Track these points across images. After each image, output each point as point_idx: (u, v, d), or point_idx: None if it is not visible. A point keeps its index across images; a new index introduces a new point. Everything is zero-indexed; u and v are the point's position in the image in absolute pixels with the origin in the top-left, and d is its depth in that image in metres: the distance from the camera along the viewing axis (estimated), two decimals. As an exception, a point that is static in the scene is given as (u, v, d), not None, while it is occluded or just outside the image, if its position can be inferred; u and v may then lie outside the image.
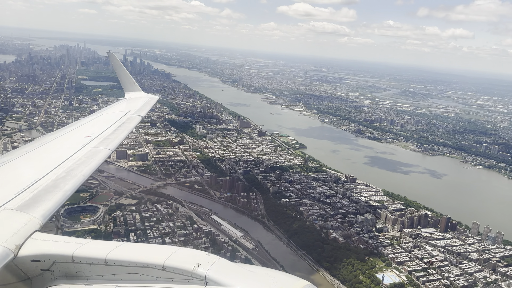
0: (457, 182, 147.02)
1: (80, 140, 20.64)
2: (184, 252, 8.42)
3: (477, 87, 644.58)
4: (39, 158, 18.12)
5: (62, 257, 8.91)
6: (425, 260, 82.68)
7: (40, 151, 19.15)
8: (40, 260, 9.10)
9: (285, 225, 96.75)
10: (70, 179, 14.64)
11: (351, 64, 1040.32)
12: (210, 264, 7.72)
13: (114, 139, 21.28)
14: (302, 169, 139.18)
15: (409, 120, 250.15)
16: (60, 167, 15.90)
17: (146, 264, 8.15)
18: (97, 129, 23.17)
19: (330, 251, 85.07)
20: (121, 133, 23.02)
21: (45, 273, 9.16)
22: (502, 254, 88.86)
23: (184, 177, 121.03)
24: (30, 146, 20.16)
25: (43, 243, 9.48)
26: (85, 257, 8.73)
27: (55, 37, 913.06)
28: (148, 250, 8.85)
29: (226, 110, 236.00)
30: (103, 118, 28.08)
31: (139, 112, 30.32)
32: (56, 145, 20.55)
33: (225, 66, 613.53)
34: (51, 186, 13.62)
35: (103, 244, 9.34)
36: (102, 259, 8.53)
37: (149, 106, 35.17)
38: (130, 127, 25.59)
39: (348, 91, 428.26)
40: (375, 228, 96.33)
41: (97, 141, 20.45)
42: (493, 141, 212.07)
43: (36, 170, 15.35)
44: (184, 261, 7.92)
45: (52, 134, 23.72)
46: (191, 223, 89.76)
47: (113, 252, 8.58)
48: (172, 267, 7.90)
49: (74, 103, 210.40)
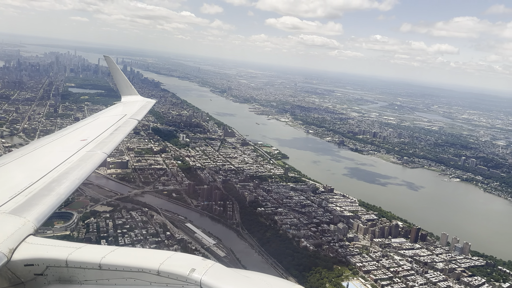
0: (433, 194, 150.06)
1: (75, 143, 20.57)
2: (179, 257, 8.41)
3: (464, 101, 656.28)
4: (34, 161, 17.95)
5: (56, 261, 8.82)
6: (391, 269, 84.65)
7: (35, 155, 18.97)
8: (34, 264, 8.99)
9: (258, 234, 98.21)
10: (65, 182, 14.57)
11: (341, 77, 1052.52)
12: (205, 269, 7.72)
13: (110, 143, 21.17)
14: (281, 179, 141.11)
15: (392, 132, 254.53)
16: (55, 170, 15.73)
17: (140, 269, 8.11)
18: (93, 133, 23.02)
19: (300, 259, 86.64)
20: (117, 136, 22.87)
21: (38, 277, 9.04)
22: (468, 264, 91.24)
23: (162, 185, 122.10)
24: (24, 150, 20.06)
25: (37, 247, 9.37)
26: (79, 261, 8.65)
27: (47, 44, 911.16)
28: (143, 255, 8.80)
29: (212, 120, 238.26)
30: (99, 122, 28.10)
31: (136, 116, 30.39)
32: (51, 148, 20.37)
33: (216, 76, 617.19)
34: (45, 190, 13.50)
35: (97, 248, 9.32)
36: (97, 264, 8.45)
37: (146, 110, 35.12)
38: (127, 131, 25.43)
39: (336, 103, 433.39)
40: (346, 237, 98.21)
41: (93, 145, 20.30)
42: (472, 155, 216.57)
43: (30, 174, 15.21)
44: (179, 266, 7.89)
45: (48, 138, 23.52)
46: (164, 231, 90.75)
47: (108, 257, 8.51)
48: (167, 272, 7.86)
49: (59, 110, 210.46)
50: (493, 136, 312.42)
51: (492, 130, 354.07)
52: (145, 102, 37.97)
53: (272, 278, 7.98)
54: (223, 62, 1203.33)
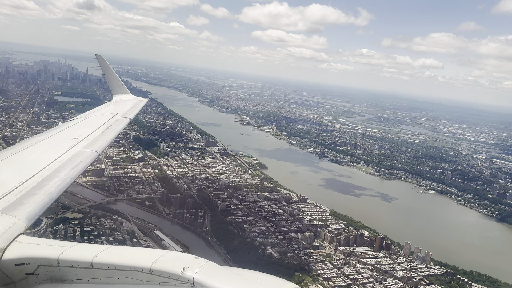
0: (405, 205, 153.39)
1: (66, 142, 20.48)
2: (172, 255, 8.42)
3: (451, 115, 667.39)
4: (25, 160, 17.84)
5: (47, 260, 8.80)
6: (351, 277, 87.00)
7: (26, 153, 18.89)
8: (25, 264, 8.95)
9: (226, 242, 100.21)
10: (57, 181, 14.49)
11: (332, 89, 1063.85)
12: (198, 268, 7.73)
13: (101, 141, 21.15)
14: (256, 189, 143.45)
15: (373, 144, 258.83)
16: (46, 169, 15.64)
17: (133, 268, 8.13)
18: (85, 131, 22.89)
19: (263, 267, 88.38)
20: (109, 135, 22.87)
21: (29, 277, 9.01)
22: (428, 273, 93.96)
23: (137, 193, 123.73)
24: (15, 148, 19.99)
25: (28, 246, 9.34)
26: (71, 260, 8.65)
27: (38, 52, 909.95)
28: (135, 254, 8.86)
29: (196, 129, 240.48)
30: (91, 120, 28.12)
31: (128, 114, 30.26)
32: (42, 147, 20.25)
33: (206, 86, 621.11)
34: (36, 189, 13.39)
35: (89, 247, 9.33)
36: (88, 263, 8.46)
37: (138, 109, 34.97)
38: (118, 129, 25.41)
39: (322, 114, 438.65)
40: (311, 245, 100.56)
41: (84, 143, 20.26)
42: (450, 168, 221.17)
43: (21, 172, 15.09)
44: (172, 265, 7.90)
45: (38, 136, 23.38)
46: (131, 238, 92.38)
47: (100, 256, 8.52)
48: (159, 271, 7.87)
49: (42, 118, 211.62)
50: (475, 150, 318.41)
51: (474, 143, 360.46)
52: (136, 101, 38.18)
53: (265, 275, 8.08)
54: (215, 72, 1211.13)
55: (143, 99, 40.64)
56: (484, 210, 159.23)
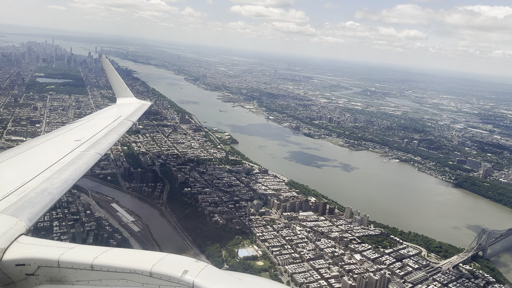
0: (365, 174, 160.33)
1: (69, 144, 20.72)
2: (172, 258, 8.49)
3: (442, 86, 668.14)
4: (27, 161, 18.08)
5: (47, 261, 8.81)
6: (287, 238, 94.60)
7: (28, 154, 19.10)
8: (25, 264, 8.96)
9: (178, 211, 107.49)
10: (59, 182, 14.61)
11: (325, 63, 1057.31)
12: (198, 271, 7.79)
13: (104, 144, 21.39)
14: (221, 162, 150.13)
15: (349, 117, 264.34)
16: (48, 170, 15.79)
17: (133, 270, 8.18)
18: (87, 133, 23.32)
19: (207, 232, 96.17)
20: (111, 137, 23.08)
21: (29, 277, 9.02)
22: (362, 233, 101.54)
23: (101, 169, 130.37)
24: (18, 149, 20.28)
25: (29, 247, 9.36)
26: (71, 262, 8.68)
27: (28, 33, 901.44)
28: (136, 256, 8.91)
29: (173, 107, 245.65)
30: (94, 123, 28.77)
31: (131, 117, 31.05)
32: (45, 148, 20.54)
33: (195, 64, 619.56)
34: (38, 189, 13.48)
35: (89, 249, 9.37)
36: (89, 264, 8.50)
37: (141, 112, 36.18)
38: (121, 132, 25.76)
39: (309, 89, 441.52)
40: (258, 212, 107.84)
41: (86, 145, 20.54)
42: (421, 137, 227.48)
43: (23, 173, 15.23)
44: (172, 268, 7.97)
45: (41, 138, 24.18)
46: (85, 210, 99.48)
47: (100, 258, 8.56)
48: (159, 274, 7.94)
49: (20, 100, 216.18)
50: (454, 120, 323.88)
51: (456, 114, 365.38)
52: (140, 104, 39.26)
53: (265, 280, 8.11)
54: (208, 49, 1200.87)
55: (147, 103, 41.91)
56: (443, 176, 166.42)
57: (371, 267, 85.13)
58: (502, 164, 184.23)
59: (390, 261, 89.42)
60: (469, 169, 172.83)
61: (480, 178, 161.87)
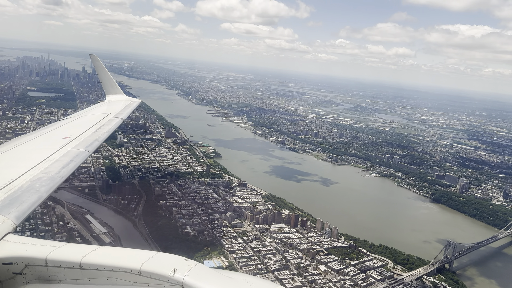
0: (343, 188, 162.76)
1: (58, 141, 20.37)
2: (162, 257, 8.43)
3: (434, 103, 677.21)
4: (15, 158, 17.81)
5: (35, 260, 8.74)
6: (255, 249, 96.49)
7: (16, 151, 18.80)
8: (12, 263, 8.90)
9: (151, 223, 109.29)
10: (47, 180, 14.40)
11: (320, 80, 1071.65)
12: (188, 270, 7.74)
13: (93, 141, 21.10)
14: (201, 175, 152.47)
15: (335, 133, 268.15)
16: (37, 168, 15.56)
17: (122, 269, 8.12)
18: (76, 131, 22.96)
19: (178, 243, 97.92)
20: (101, 135, 22.82)
21: (17, 276, 8.95)
22: (331, 245, 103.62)
23: (80, 182, 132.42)
24: (5, 146, 20.02)
25: (16, 245, 9.31)
26: (59, 260, 8.60)
27: (25, 47, 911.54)
28: (125, 255, 8.84)
29: (161, 121, 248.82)
30: (83, 120, 28.53)
31: (120, 114, 30.36)
32: (32, 145, 20.11)
33: (189, 79, 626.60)
34: (26, 187, 13.32)
35: (78, 247, 9.30)
36: (77, 263, 8.43)
37: (130, 109, 35.35)
38: (110, 129, 25.39)
39: (300, 105, 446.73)
40: (231, 224, 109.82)
41: (76, 143, 20.20)
42: (404, 153, 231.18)
43: (11, 171, 15.04)
44: (161, 266, 7.91)
45: (29, 135, 23.41)
46: (58, 221, 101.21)
47: (89, 256, 8.51)
48: (148, 272, 7.88)
49: (8, 113, 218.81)
50: (441, 136, 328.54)
51: (444, 130, 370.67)
52: (129, 101, 38.55)
53: (255, 278, 8.20)
54: (204, 65, 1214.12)
55: (136, 100, 41.26)
56: (421, 191, 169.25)
57: (334, 278, 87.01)
58: (481, 180, 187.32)
59: (354, 272, 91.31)
60: (447, 184, 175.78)
61: (457, 193, 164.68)
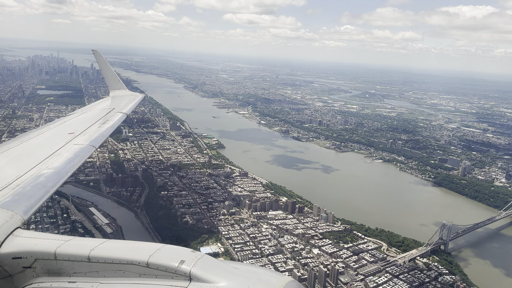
0: (344, 175, 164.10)
1: (63, 136, 20.69)
2: (169, 249, 8.61)
3: (445, 86, 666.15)
4: (22, 154, 18.15)
5: (44, 254, 8.94)
6: (251, 236, 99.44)
7: (23, 147, 19.19)
8: (22, 257, 9.08)
9: (152, 213, 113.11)
10: (53, 175, 14.72)
11: (329, 67, 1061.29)
12: (195, 261, 7.91)
13: (98, 136, 21.38)
14: (203, 166, 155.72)
15: (340, 120, 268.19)
16: (43, 163, 15.90)
17: (130, 261, 8.28)
18: (81, 126, 23.34)
19: (176, 232, 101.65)
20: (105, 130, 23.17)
21: (26, 270, 9.14)
22: (326, 230, 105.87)
23: (85, 176, 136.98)
24: (12, 143, 20.40)
25: (25, 240, 9.49)
26: (68, 254, 8.79)
27: (35, 46, 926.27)
28: (132, 247, 9.05)
29: (167, 115, 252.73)
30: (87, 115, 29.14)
31: (123, 109, 30.75)
32: (39, 141, 20.47)
33: (197, 72, 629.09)
34: (33, 183, 13.56)
35: (86, 241, 9.59)
36: (85, 256, 8.61)
37: (134, 104, 35.75)
38: (114, 124, 25.81)
39: (307, 94, 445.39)
40: (229, 212, 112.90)
41: (80, 138, 20.49)
42: (409, 138, 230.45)
43: (18, 167, 15.36)
44: (169, 258, 8.08)
45: (35, 131, 23.80)
46: (62, 213, 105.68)
47: (97, 249, 8.69)
48: (156, 264, 8.01)
49: (18, 112, 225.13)
50: (449, 119, 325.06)
51: (452, 114, 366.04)
52: (133, 96, 39.29)
53: (262, 269, 8.35)
54: (212, 57, 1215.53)
55: (140, 95, 41.95)
56: (423, 175, 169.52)
57: (326, 261, 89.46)
58: (485, 162, 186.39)
59: (347, 255, 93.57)
60: (450, 168, 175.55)
61: (459, 176, 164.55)
